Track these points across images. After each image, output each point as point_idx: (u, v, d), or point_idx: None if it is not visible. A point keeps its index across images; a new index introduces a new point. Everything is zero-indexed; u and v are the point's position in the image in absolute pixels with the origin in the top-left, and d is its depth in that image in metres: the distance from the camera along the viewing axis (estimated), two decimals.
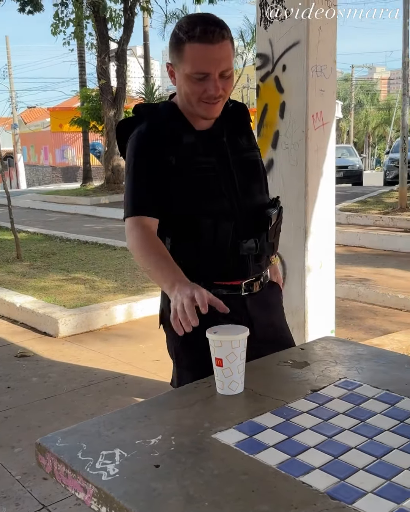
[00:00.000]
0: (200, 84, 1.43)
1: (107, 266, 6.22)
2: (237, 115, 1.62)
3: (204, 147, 1.52)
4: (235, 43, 1.53)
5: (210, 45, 1.38)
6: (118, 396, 3.19)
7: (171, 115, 1.53)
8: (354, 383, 1.30)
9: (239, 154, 1.57)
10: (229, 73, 1.44)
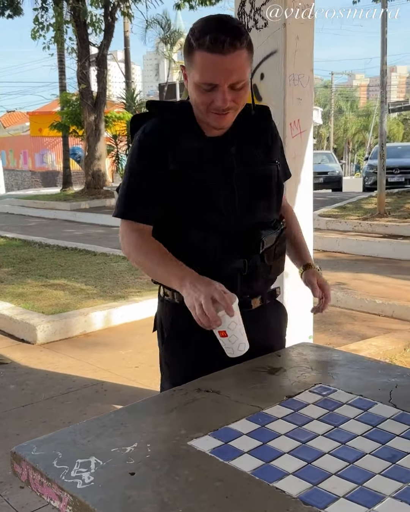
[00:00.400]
0: (208, 95, 1.35)
1: (87, 272, 6.20)
2: (256, 123, 1.52)
3: (209, 155, 1.45)
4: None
5: (220, 55, 1.29)
6: (97, 404, 3.17)
7: (183, 116, 1.45)
8: (328, 389, 1.32)
9: (248, 167, 1.48)
10: (241, 84, 1.35)
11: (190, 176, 1.44)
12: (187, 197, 1.45)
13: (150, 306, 4.81)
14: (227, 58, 1.30)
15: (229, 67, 1.31)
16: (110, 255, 7.14)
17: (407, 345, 3.56)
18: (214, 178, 1.45)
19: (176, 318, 1.57)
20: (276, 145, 1.55)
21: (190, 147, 1.44)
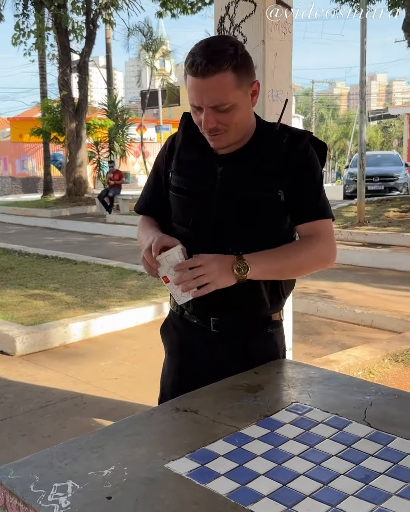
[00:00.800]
0: (198, 115, 1.39)
1: (68, 281, 6.17)
2: (272, 146, 1.45)
3: (200, 171, 1.48)
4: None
5: (198, 78, 1.32)
6: (76, 417, 3.16)
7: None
8: (305, 408, 1.33)
9: (231, 190, 1.44)
10: (226, 107, 1.34)
11: (178, 188, 1.52)
12: (173, 205, 1.56)
13: (130, 316, 4.81)
14: (204, 82, 1.32)
15: (206, 90, 1.32)
16: (91, 264, 7.11)
17: (385, 356, 3.60)
18: (195, 194, 1.48)
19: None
20: (284, 173, 1.43)
21: (189, 160, 1.50)
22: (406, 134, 29.42)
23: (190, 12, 16.43)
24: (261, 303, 1.52)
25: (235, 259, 1.35)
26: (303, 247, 1.46)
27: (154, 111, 33.16)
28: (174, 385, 1.63)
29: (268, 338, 1.60)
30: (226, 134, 1.40)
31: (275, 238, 1.47)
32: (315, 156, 1.48)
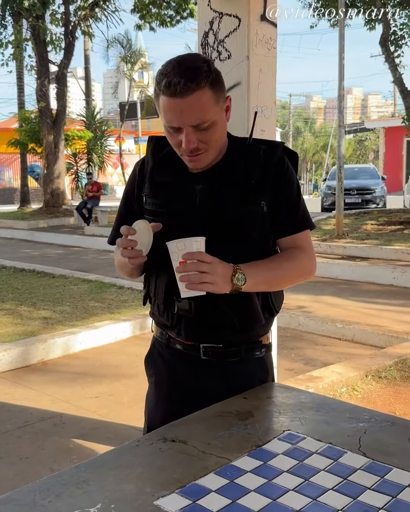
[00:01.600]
0: (175, 136, 1.34)
1: (45, 295, 6.06)
2: (247, 158, 1.43)
3: (178, 191, 1.44)
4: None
5: (176, 98, 1.27)
6: (55, 438, 3.07)
7: (173, 151, 1.43)
8: (297, 436, 1.29)
9: (213, 206, 1.41)
10: (207, 125, 1.31)
11: (155, 211, 1.46)
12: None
13: (110, 331, 4.73)
14: (183, 101, 1.28)
15: (187, 110, 1.28)
16: (70, 277, 7.01)
17: (368, 372, 3.58)
18: (175, 215, 1.44)
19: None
20: (264, 185, 1.41)
21: (163, 182, 1.46)
22: (382, 148, 29.91)
23: (169, 25, 16.52)
24: (256, 318, 1.47)
25: (234, 268, 1.31)
26: (290, 258, 1.44)
27: (133, 123, 33.18)
28: (163, 418, 1.52)
29: (258, 362, 1.56)
30: (206, 153, 1.37)
31: (262, 251, 1.46)
32: (291, 166, 1.47)
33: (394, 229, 10.23)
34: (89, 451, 2.92)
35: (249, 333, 1.51)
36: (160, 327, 1.58)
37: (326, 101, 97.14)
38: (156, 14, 16.05)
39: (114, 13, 16.39)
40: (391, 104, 50.09)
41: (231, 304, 1.42)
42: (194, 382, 1.53)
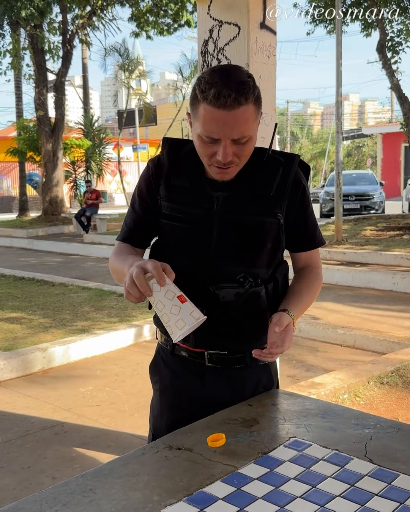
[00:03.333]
0: (210, 147, 1.32)
1: (45, 303, 6.05)
2: (266, 169, 1.43)
3: (195, 197, 1.43)
4: (257, 105, 1.32)
5: (223, 110, 1.24)
6: (57, 447, 3.05)
7: (190, 154, 1.44)
8: (303, 443, 1.28)
9: (233, 215, 1.41)
10: (245, 139, 1.30)
11: (171, 215, 1.46)
12: (166, 233, 1.49)
13: (111, 339, 4.72)
14: (230, 114, 1.25)
15: (232, 123, 1.26)
16: (69, 285, 7.01)
17: (370, 378, 3.58)
18: (192, 221, 1.43)
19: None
20: (281, 197, 1.43)
21: (180, 186, 1.45)
22: (380, 153, 30.00)
23: (166, 33, 16.59)
24: (265, 329, 1.46)
25: (290, 316, 1.42)
26: (311, 285, 1.54)
27: (131, 130, 33.27)
28: (168, 426, 1.52)
29: (263, 368, 1.56)
30: (237, 167, 1.36)
31: (273, 261, 1.48)
32: (303, 180, 1.49)
33: (393, 235, 10.24)
34: (91, 460, 2.91)
35: (257, 342, 1.51)
36: (164, 333, 1.58)
37: (323, 108, 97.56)
38: (153, 23, 16.13)
39: (111, 21, 16.46)
40: (388, 110, 50.29)
41: (243, 314, 1.44)
42: (199, 389, 1.53)
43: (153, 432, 1.63)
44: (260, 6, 2.46)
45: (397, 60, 10.85)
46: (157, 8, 15.62)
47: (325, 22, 11.99)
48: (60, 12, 15.75)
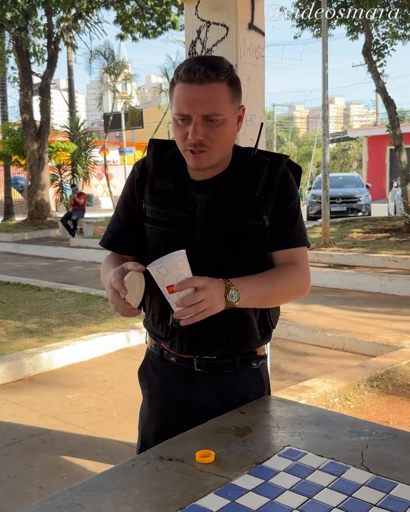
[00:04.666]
0: (183, 128, 1.29)
1: (31, 309, 5.98)
2: (251, 169, 1.39)
3: (178, 200, 1.39)
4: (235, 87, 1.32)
5: (193, 84, 1.25)
6: (44, 455, 2.99)
7: (173, 157, 1.41)
8: (298, 452, 1.25)
9: (215, 217, 1.37)
10: (217, 118, 1.27)
11: (156, 219, 1.42)
12: (150, 238, 1.45)
13: (98, 345, 4.66)
14: (200, 89, 1.25)
15: (202, 99, 1.26)
16: (56, 290, 6.93)
17: (360, 381, 3.55)
18: (175, 225, 1.40)
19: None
20: (267, 198, 1.37)
21: (163, 189, 1.42)
22: (365, 156, 30.16)
23: (152, 36, 16.56)
24: (252, 334, 1.44)
25: (226, 285, 1.27)
26: (283, 275, 1.40)
27: (117, 134, 33.16)
28: (157, 432, 1.51)
29: (254, 374, 1.52)
30: (209, 153, 1.31)
31: (260, 265, 1.42)
32: (294, 181, 1.45)
33: (380, 237, 10.28)
34: (79, 468, 2.85)
35: (245, 347, 1.48)
36: (154, 338, 1.54)
37: (308, 111, 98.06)
38: (139, 25, 16.09)
39: (97, 24, 16.38)
40: (373, 113, 50.64)
41: (227, 320, 1.38)
42: (189, 395, 1.49)
43: (142, 438, 1.59)
44: (248, 6, 2.43)
45: (382, 63, 10.92)
46: (142, 10, 15.59)
47: (312, 25, 12.04)
48: (45, 14, 15.66)
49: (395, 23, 12.19)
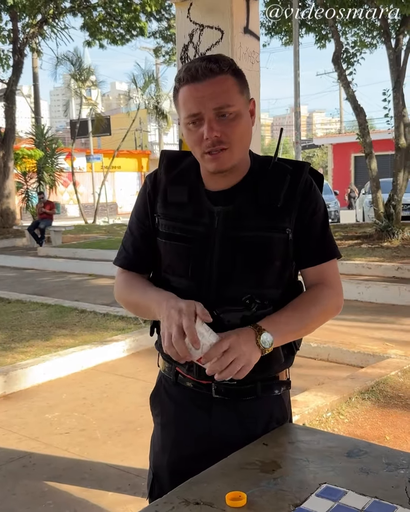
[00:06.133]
0: (195, 131, 1.22)
1: (2, 322, 5.75)
2: (272, 178, 1.30)
3: (193, 213, 1.31)
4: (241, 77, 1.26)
5: (197, 83, 1.20)
6: (26, 481, 2.81)
7: (186, 168, 1.35)
8: (337, 491, 1.14)
9: (234, 231, 1.28)
10: (230, 111, 1.20)
11: (170, 234, 1.34)
12: (164, 254, 1.36)
13: (76, 360, 4.49)
14: (205, 83, 1.20)
15: (208, 92, 1.20)
16: (27, 302, 6.70)
17: (352, 394, 3.47)
18: (191, 239, 1.30)
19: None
20: (290, 208, 1.29)
21: (177, 201, 1.33)
22: (331, 163, 30.53)
23: (120, 43, 16.42)
24: (276, 357, 1.34)
25: (255, 332, 1.20)
26: (317, 302, 1.33)
27: (83, 141, 32.80)
28: (172, 463, 1.39)
29: (276, 400, 1.42)
30: (229, 152, 1.23)
31: (285, 280, 1.33)
32: (316, 190, 1.35)
33: (352, 244, 10.32)
34: (65, 495, 2.69)
35: (267, 371, 1.37)
36: (167, 361, 1.42)
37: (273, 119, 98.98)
38: (106, 32, 15.94)
39: (63, 30, 16.15)
40: (336, 121, 51.37)
41: None
42: (206, 423, 1.38)
43: (154, 471, 1.47)
44: (244, 10, 2.34)
45: (352, 71, 11.01)
46: (110, 17, 15.43)
47: (280, 33, 12.09)
48: (10, 20, 15.38)
49: (363, 31, 12.35)
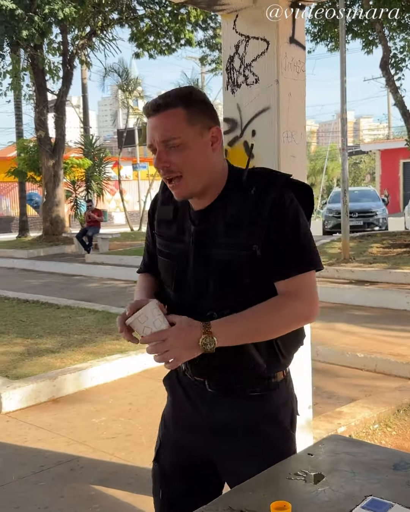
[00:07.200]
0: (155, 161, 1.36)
1: (51, 327, 5.89)
2: (244, 195, 1.35)
3: (176, 231, 1.45)
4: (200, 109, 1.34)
5: (151, 117, 1.34)
6: (74, 484, 2.88)
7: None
8: (384, 504, 1.13)
9: (205, 249, 1.37)
10: (175, 142, 1.30)
11: (161, 250, 1.49)
12: (160, 268, 1.51)
13: (122, 365, 4.56)
14: (155, 118, 1.33)
15: (158, 126, 1.32)
16: (75, 308, 6.84)
17: (400, 406, 3.41)
18: (174, 256, 1.45)
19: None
20: (258, 227, 1.32)
21: (166, 220, 1.48)
22: (379, 170, 30.04)
23: (167, 53, 16.65)
24: (254, 365, 1.39)
25: (201, 333, 1.26)
26: (272, 309, 1.34)
27: (129, 150, 33.31)
28: (178, 441, 1.56)
29: (268, 398, 1.45)
30: (184, 180, 1.33)
31: (259, 295, 1.35)
32: (291, 203, 1.35)
33: (401, 252, 10.11)
34: (111, 499, 2.73)
35: (250, 375, 1.42)
36: None
37: (318, 125, 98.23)
38: (153, 43, 16.18)
39: (111, 42, 16.49)
40: (384, 127, 50.54)
41: (224, 351, 1.31)
42: (207, 410, 1.48)
43: (162, 439, 1.62)
44: (290, 20, 2.35)
45: (400, 76, 10.84)
46: (157, 28, 15.67)
47: (326, 40, 12.04)
48: (60, 32, 15.79)
49: None
